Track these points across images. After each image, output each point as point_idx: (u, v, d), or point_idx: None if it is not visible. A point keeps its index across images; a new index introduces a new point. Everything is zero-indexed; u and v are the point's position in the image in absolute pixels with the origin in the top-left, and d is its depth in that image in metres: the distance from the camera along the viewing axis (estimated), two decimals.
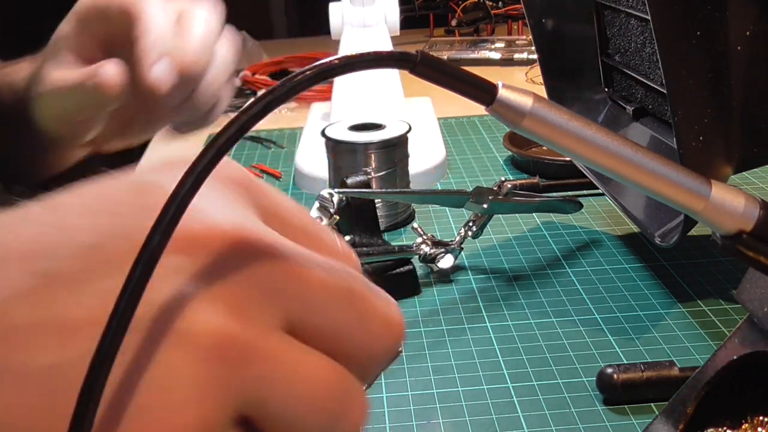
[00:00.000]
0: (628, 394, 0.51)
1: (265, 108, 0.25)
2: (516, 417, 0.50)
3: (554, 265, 0.70)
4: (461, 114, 1.15)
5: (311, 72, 0.25)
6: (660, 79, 0.64)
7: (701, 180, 0.31)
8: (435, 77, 0.27)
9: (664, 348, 0.57)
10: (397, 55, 0.27)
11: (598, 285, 0.66)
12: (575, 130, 0.29)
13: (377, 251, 0.65)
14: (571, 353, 0.57)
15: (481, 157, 0.99)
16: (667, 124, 0.67)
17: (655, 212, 0.62)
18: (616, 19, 0.72)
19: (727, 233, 0.31)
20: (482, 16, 1.63)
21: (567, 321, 0.61)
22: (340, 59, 0.26)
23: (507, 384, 0.54)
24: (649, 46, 0.65)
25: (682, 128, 0.51)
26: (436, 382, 0.54)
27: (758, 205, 0.31)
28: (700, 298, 0.63)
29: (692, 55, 0.50)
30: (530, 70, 1.32)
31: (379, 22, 1.07)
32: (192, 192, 0.23)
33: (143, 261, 0.22)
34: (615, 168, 0.30)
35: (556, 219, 0.79)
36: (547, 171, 0.88)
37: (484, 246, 0.74)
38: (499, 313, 0.63)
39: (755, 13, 0.50)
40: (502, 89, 0.28)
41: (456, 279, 0.68)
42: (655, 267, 0.68)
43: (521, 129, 0.29)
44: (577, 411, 0.51)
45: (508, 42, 1.55)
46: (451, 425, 0.50)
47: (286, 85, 0.25)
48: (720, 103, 0.52)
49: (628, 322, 0.60)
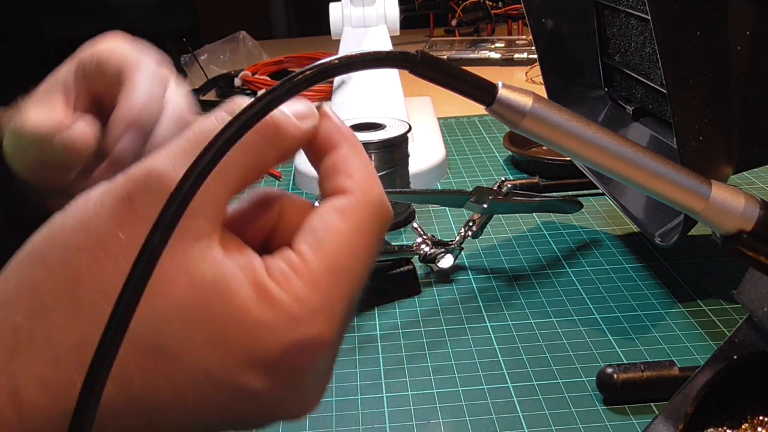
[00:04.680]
0: (628, 394, 0.51)
1: (265, 108, 0.25)
2: (516, 417, 0.50)
3: (554, 265, 0.70)
4: (461, 114, 1.15)
5: (311, 72, 0.25)
6: (660, 79, 0.64)
7: (701, 180, 0.31)
8: (435, 77, 0.27)
9: (664, 348, 0.57)
10: (397, 55, 0.27)
11: (598, 285, 0.66)
12: (575, 130, 0.29)
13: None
14: (571, 353, 0.57)
15: (481, 157, 0.99)
16: (667, 124, 0.67)
17: (655, 212, 0.62)
18: (616, 19, 0.72)
19: (727, 233, 0.31)
20: (482, 16, 1.63)
21: (567, 321, 0.61)
22: (340, 59, 0.26)
23: (507, 384, 0.54)
24: (649, 46, 0.65)
25: (682, 128, 0.51)
26: (436, 382, 0.54)
27: (758, 205, 0.31)
28: (700, 298, 0.63)
29: (692, 55, 0.50)
30: (530, 70, 1.32)
31: (379, 22, 1.07)
32: (192, 191, 0.23)
33: (143, 261, 0.22)
34: (615, 168, 0.30)
35: (556, 219, 0.79)
36: (547, 171, 0.88)
37: (484, 246, 0.74)
38: (499, 313, 0.63)
39: (755, 13, 0.50)
40: (502, 89, 0.28)
41: (456, 279, 0.68)
42: (655, 267, 0.68)
43: (521, 129, 0.29)
44: (577, 411, 0.51)
45: (508, 42, 1.55)
46: (451, 425, 0.50)
47: (286, 85, 0.25)
48: (720, 103, 0.52)
49: (628, 322, 0.60)
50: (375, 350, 0.59)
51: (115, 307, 0.22)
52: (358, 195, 0.31)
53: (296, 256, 0.30)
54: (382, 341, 0.60)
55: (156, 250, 0.22)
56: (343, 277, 0.30)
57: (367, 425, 0.51)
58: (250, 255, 0.30)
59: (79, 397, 0.22)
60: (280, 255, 0.30)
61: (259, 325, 0.29)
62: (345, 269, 0.30)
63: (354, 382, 0.55)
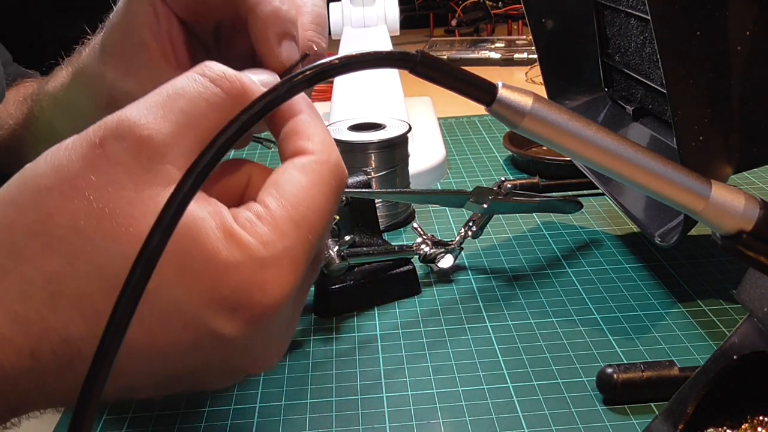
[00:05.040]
0: (628, 394, 0.51)
1: (266, 107, 0.25)
2: (516, 417, 0.50)
3: (554, 265, 0.70)
4: (461, 114, 1.15)
5: (311, 72, 0.25)
6: (660, 79, 0.64)
7: (701, 180, 0.31)
8: (435, 77, 0.27)
9: (664, 348, 0.57)
10: (397, 55, 0.27)
11: (598, 285, 0.66)
12: (575, 130, 0.29)
13: (377, 251, 0.65)
14: (571, 353, 0.57)
15: (481, 157, 0.99)
16: (667, 124, 0.67)
17: (655, 212, 0.62)
18: (616, 19, 0.72)
19: (727, 233, 0.31)
20: (482, 16, 1.63)
21: (567, 321, 0.61)
22: (340, 59, 0.26)
23: (507, 384, 0.54)
24: (649, 46, 0.65)
25: (682, 128, 0.51)
26: (436, 382, 0.54)
27: (758, 205, 0.31)
28: (700, 298, 0.63)
29: (692, 55, 0.50)
30: (530, 70, 1.32)
31: (379, 22, 1.07)
32: (192, 191, 0.23)
33: (143, 261, 0.22)
34: (615, 168, 0.30)
35: (556, 219, 0.79)
36: (547, 171, 0.88)
37: (484, 246, 0.74)
38: (499, 313, 0.63)
39: (755, 13, 0.50)
40: (502, 89, 0.28)
41: (456, 279, 0.68)
42: (655, 267, 0.68)
43: (521, 129, 0.29)
44: (577, 411, 0.51)
45: (508, 42, 1.55)
46: (451, 425, 0.50)
47: (286, 85, 0.25)
48: (720, 103, 0.52)
49: (628, 322, 0.60)
50: (375, 350, 0.59)
51: (115, 307, 0.22)
52: (317, 155, 0.33)
53: (261, 206, 0.32)
54: (382, 341, 0.60)
55: (156, 251, 0.22)
56: (304, 226, 0.32)
57: (367, 425, 0.51)
58: (218, 205, 0.31)
59: (80, 397, 0.22)
60: (245, 206, 0.32)
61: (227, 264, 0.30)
62: (306, 219, 0.32)
63: (354, 382, 0.55)
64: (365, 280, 0.64)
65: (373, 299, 0.65)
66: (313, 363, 0.57)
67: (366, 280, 0.64)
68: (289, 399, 0.54)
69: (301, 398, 0.53)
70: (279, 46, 0.40)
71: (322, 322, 0.63)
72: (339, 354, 0.58)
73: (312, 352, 0.59)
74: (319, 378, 0.56)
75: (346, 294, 0.64)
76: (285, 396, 0.54)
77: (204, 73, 0.32)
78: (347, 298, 0.64)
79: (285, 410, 0.52)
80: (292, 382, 0.55)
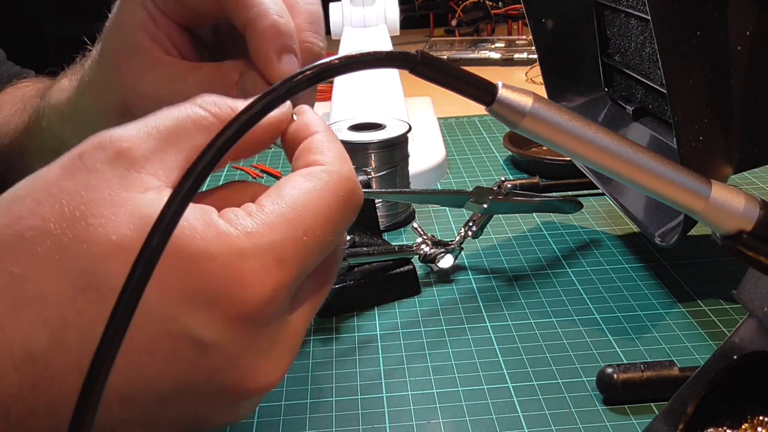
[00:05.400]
0: (628, 394, 0.51)
1: (266, 107, 0.25)
2: (516, 417, 0.50)
3: (554, 265, 0.70)
4: (461, 114, 1.15)
5: (311, 72, 0.25)
6: (660, 79, 0.64)
7: (701, 180, 0.31)
8: (435, 77, 0.27)
9: (664, 348, 0.57)
10: (397, 55, 0.27)
11: (598, 285, 0.66)
12: (575, 130, 0.29)
13: (377, 251, 0.65)
14: (571, 353, 0.57)
15: (481, 157, 0.99)
16: (667, 124, 0.67)
17: (655, 212, 0.62)
18: (616, 19, 0.72)
19: (727, 233, 0.31)
20: (482, 16, 1.63)
21: (567, 321, 0.61)
22: (340, 59, 0.26)
23: (507, 384, 0.54)
24: (649, 46, 0.65)
25: (682, 128, 0.51)
26: (436, 382, 0.54)
27: (758, 205, 0.31)
28: (700, 298, 0.63)
29: (692, 55, 0.50)
30: (530, 70, 1.32)
31: (379, 22, 1.07)
32: (192, 192, 0.23)
33: (143, 261, 0.22)
34: (615, 168, 0.30)
35: (556, 219, 0.79)
36: (547, 171, 0.88)
37: (484, 246, 0.74)
38: (499, 313, 0.63)
39: (755, 13, 0.50)
40: (502, 89, 0.28)
41: (456, 279, 0.68)
42: (655, 267, 0.68)
43: (521, 129, 0.29)
44: (577, 411, 0.51)
45: (508, 42, 1.55)
46: (451, 425, 0.50)
47: (286, 85, 0.25)
48: (720, 103, 0.52)
49: (628, 322, 0.60)
50: (375, 350, 0.59)
51: (113, 312, 0.22)
52: (327, 165, 0.32)
53: (255, 205, 0.30)
54: (382, 341, 0.60)
55: (156, 250, 0.22)
56: (298, 226, 0.30)
57: (367, 425, 0.51)
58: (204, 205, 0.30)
59: (78, 400, 0.22)
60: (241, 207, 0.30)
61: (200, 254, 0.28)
62: (302, 220, 0.30)
63: (354, 382, 0.55)
64: (365, 280, 0.64)
65: (373, 299, 0.65)
66: (313, 363, 0.57)
67: (366, 280, 0.64)
68: (289, 399, 0.54)
69: (301, 398, 0.53)
70: (279, 62, 0.39)
71: (322, 322, 0.63)
72: (339, 354, 0.58)
73: (312, 352, 0.59)
74: (319, 378, 0.56)
75: (346, 294, 0.64)
76: (285, 396, 0.54)
77: (195, 101, 0.32)
78: (347, 298, 0.64)
79: (285, 410, 0.52)
80: (292, 382, 0.55)
